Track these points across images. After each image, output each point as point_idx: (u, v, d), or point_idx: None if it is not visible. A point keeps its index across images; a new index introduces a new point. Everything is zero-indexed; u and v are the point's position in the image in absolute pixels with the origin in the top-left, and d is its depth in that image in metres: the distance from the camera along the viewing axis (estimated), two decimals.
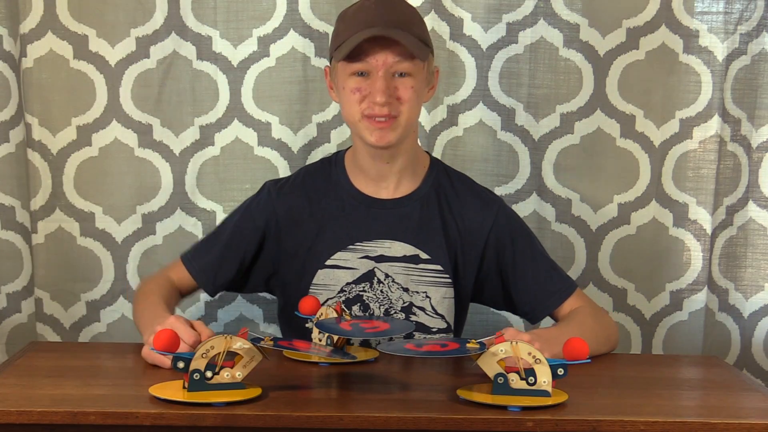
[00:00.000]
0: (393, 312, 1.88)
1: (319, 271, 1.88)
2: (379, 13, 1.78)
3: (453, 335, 1.93)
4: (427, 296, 1.89)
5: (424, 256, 1.88)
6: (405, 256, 1.88)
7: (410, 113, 1.80)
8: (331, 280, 1.88)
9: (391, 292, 1.88)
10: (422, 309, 1.89)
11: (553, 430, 1.45)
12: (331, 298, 1.88)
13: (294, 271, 1.90)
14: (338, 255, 1.88)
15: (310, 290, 1.88)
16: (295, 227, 1.90)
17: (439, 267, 1.88)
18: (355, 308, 1.88)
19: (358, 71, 1.78)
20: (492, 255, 1.92)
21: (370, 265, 1.88)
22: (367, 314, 1.88)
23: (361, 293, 1.88)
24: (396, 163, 1.87)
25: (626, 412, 1.49)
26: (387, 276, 1.88)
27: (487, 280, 1.94)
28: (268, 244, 1.91)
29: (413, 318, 1.88)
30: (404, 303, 1.88)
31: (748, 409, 1.57)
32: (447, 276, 1.89)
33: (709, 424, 1.46)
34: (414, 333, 1.88)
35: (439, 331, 1.90)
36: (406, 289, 1.88)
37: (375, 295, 1.88)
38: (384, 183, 1.89)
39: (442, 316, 1.89)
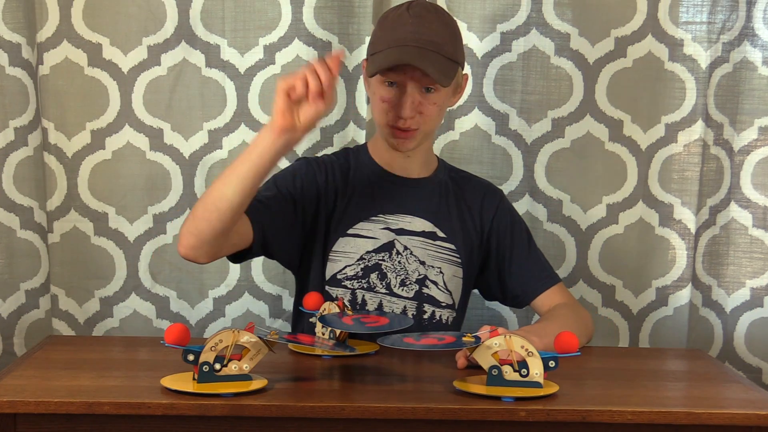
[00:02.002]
0: (408, 283, 1.89)
1: (340, 239, 1.89)
2: (415, 31, 1.78)
3: (456, 314, 1.95)
4: (441, 272, 1.91)
5: (441, 234, 1.92)
6: (424, 231, 1.91)
7: (431, 126, 1.87)
8: (351, 248, 1.89)
9: (409, 263, 1.90)
10: (435, 283, 1.91)
11: (544, 420, 1.45)
12: (349, 266, 1.89)
13: (317, 239, 1.91)
14: (360, 225, 1.90)
15: (329, 257, 1.89)
16: (331, 196, 1.91)
17: (453, 246, 1.92)
18: (373, 276, 1.89)
19: (389, 81, 1.80)
20: (494, 240, 1.96)
21: (390, 236, 1.90)
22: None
23: (380, 262, 1.89)
24: (414, 157, 1.92)
25: (614, 403, 1.49)
26: (406, 248, 1.90)
27: (486, 264, 1.98)
28: (308, 207, 1.87)
29: (425, 291, 1.90)
30: (419, 275, 1.90)
31: (730, 399, 1.58)
32: (458, 256, 1.92)
33: (693, 414, 1.46)
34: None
35: (447, 306, 1.92)
36: (422, 263, 1.90)
37: (393, 265, 1.89)
38: (404, 171, 1.94)
39: (450, 293, 1.92)
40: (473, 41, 2.22)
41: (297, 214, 1.86)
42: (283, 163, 2.18)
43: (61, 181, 2.22)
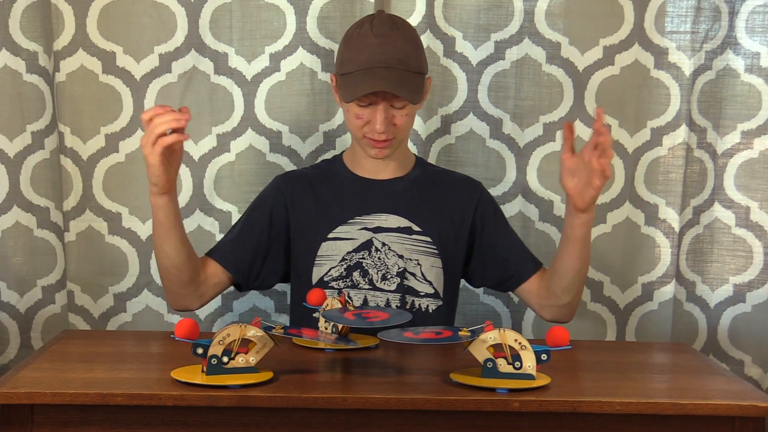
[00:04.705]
0: (389, 277, 1.90)
1: (323, 243, 1.91)
2: (381, 51, 1.79)
3: (443, 304, 1.94)
4: (418, 264, 1.91)
5: (416, 228, 1.92)
6: (399, 227, 1.92)
7: (405, 133, 1.90)
8: (333, 251, 1.91)
9: (388, 258, 1.90)
10: (413, 275, 1.91)
11: (537, 410, 1.45)
12: (333, 267, 1.90)
13: (301, 247, 1.93)
14: (339, 228, 1.91)
15: (315, 262, 1.91)
16: (301, 208, 1.94)
17: (428, 239, 1.92)
18: (356, 274, 1.90)
19: (361, 104, 1.83)
20: (478, 229, 1.97)
21: (368, 235, 1.91)
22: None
23: (360, 260, 1.90)
24: (390, 161, 1.94)
25: (604, 394, 1.49)
26: (384, 244, 1.91)
27: (473, 252, 1.98)
28: (279, 223, 1.94)
29: (406, 283, 1.90)
30: (399, 269, 1.90)
31: (714, 390, 1.57)
32: (435, 248, 1.92)
33: (679, 405, 1.46)
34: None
35: (427, 296, 1.92)
36: (401, 256, 1.91)
37: (373, 261, 1.90)
38: (378, 174, 1.95)
39: (430, 283, 1.92)
40: (468, 49, 2.22)
41: (271, 235, 1.93)
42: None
43: (77, 182, 2.21)
